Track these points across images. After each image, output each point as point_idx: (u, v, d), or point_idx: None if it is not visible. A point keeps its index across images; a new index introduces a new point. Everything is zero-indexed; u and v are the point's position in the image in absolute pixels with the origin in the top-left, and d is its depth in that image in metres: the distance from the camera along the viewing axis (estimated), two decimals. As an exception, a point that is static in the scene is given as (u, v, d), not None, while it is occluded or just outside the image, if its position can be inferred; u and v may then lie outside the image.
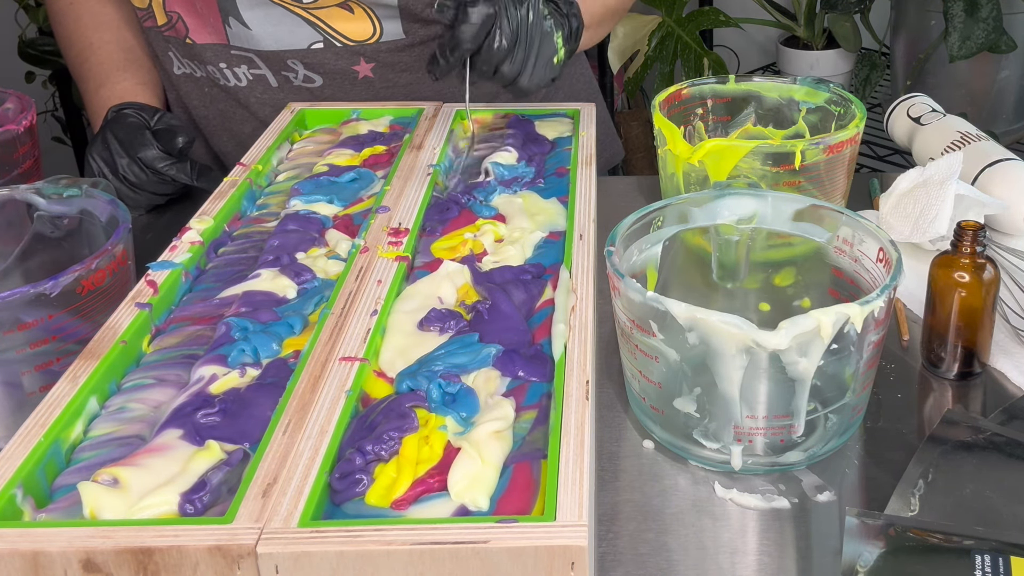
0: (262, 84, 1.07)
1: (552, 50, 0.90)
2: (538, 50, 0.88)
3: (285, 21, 1.01)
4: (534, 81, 0.89)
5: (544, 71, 0.90)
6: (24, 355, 0.69)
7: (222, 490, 0.56)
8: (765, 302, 0.80)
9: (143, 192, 1.00)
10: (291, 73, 1.05)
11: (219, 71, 1.07)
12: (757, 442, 0.67)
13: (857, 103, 0.91)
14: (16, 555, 0.51)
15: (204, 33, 1.04)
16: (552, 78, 0.91)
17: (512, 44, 0.86)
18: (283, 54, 1.04)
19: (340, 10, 1.00)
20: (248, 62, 1.05)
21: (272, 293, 0.72)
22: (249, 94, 1.08)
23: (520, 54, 0.87)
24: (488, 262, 0.75)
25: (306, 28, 1.02)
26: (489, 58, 0.86)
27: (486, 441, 0.57)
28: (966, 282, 0.73)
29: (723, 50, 2.35)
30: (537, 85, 0.90)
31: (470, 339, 0.66)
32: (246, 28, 1.02)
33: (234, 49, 1.05)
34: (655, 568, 0.61)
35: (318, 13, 1.01)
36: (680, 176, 0.90)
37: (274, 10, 1.01)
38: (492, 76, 0.88)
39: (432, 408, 0.61)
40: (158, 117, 1.03)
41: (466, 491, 0.55)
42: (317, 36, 1.02)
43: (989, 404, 0.74)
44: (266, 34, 1.02)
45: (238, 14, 1.01)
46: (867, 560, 0.56)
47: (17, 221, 0.84)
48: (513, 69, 0.87)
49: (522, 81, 0.88)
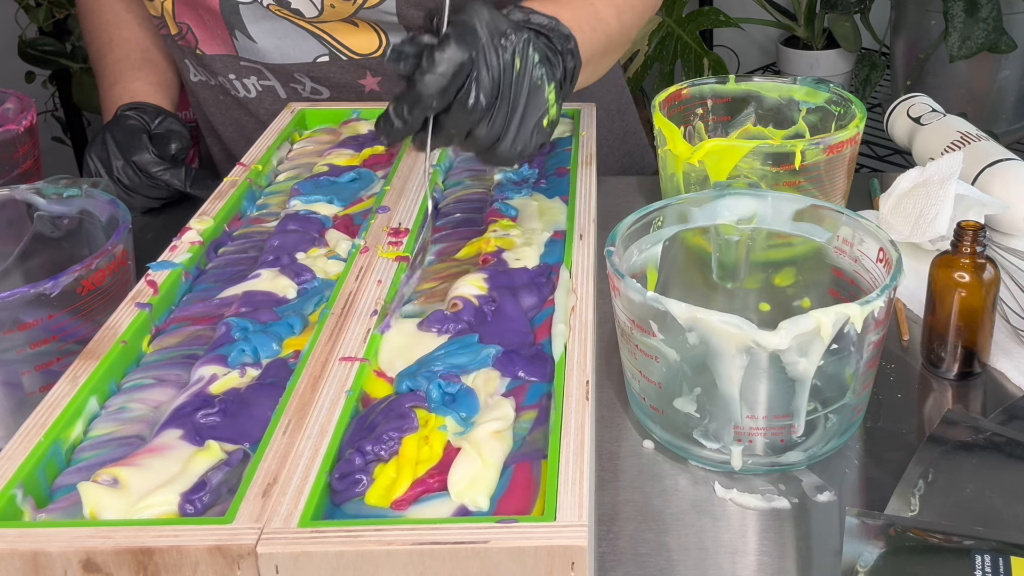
0: (271, 95, 1.07)
1: (542, 107, 0.70)
2: (524, 108, 0.69)
3: (291, 35, 1.01)
4: (517, 148, 0.70)
5: (531, 135, 0.70)
6: (24, 355, 0.69)
7: (222, 490, 0.56)
8: (765, 302, 0.80)
9: (136, 195, 1.00)
10: (299, 85, 1.05)
11: (229, 82, 1.07)
12: (757, 442, 0.67)
13: (857, 103, 0.91)
14: (16, 555, 0.51)
15: (213, 45, 1.05)
16: (541, 143, 0.72)
17: (492, 101, 0.67)
18: (289, 67, 1.04)
19: (345, 24, 0.99)
20: (257, 73, 1.05)
21: (272, 293, 0.72)
22: (259, 105, 1.08)
23: (501, 114, 0.68)
24: (511, 259, 0.75)
25: (311, 42, 1.01)
26: (460, 119, 0.67)
27: (486, 441, 0.57)
28: (966, 282, 0.73)
29: (723, 50, 2.35)
30: (521, 154, 0.70)
31: (470, 339, 0.66)
32: (252, 41, 1.02)
33: (243, 60, 1.05)
34: (655, 568, 0.61)
35: (323, 27, 1.00)
36: (680, 176, 0.90)
37: (279, 24, 1.00)
38: (463, 141, 0.70)
39: (432, 408, 0.61)
40: (159, 121, 1.03)
41: (466, 491, 0.55)
42: (323, 50, 1.02)
43: (989, 404, 0.74)
44: (272, 47, 1.02)
45: (244, 28, 1.01)
46: (867, 560, 0.56)
47: (17, 221, 0.84)
48: (491, 133, 0.68)
49: (502, 148, 0.69)
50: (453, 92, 0.66)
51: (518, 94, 0.68)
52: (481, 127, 0.68)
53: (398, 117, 0.66)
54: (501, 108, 0.68)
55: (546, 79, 0.70)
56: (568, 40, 0.75)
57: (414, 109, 0.65)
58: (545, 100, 0.70)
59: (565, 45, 0.74)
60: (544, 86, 0.70)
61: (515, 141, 0.69)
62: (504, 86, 0.67)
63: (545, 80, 0.70)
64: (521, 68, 0.68)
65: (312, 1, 0.97)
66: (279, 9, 0.98)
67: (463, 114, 0.67)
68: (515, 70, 0.68)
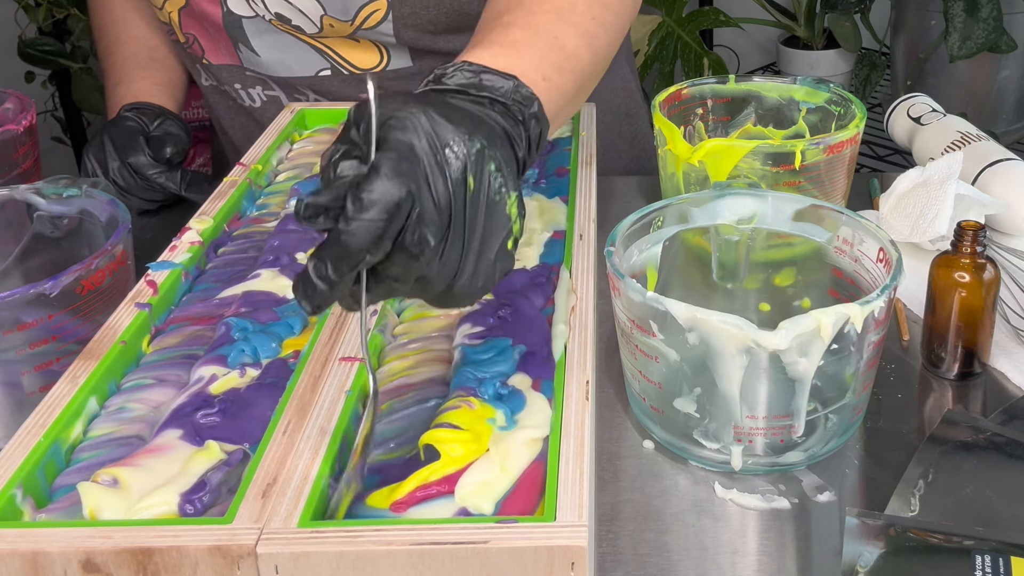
0: (276, 105, 1.07)
1: (504, 226, 0.55)
2: (483, 234, 0.54)
3: (293, 48, 1.01)
4: (478, 284, 0.55)
5: (494, 264, 0.55)
6: (24, 355, 0.69)
7: (222, 490, 0.56)
8: (765, 302, 0.80)
9: (132, 196, 1.00)
10: (302, 96, 1.05)
11: (235, 91, 1.08)
12: (757, 442, 0.67)
13: (857, 103, 0.91)
14: (16, 555, 0.51)
15: (218, 55, 1.05)
16: (505, 272, 0.57)
17: (441, 237, 0.52)
18: (292, 80, 1.04)
19: (346, 40, 1.00)
20: (263, 83, 1.06)
21: (272, 293, 0.72)
22: (264, 114, 1.08)
23: (455, 248, 0.53)
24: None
25: (313, 55, 1.01)
26: (404, 267, 0.52)
27: (517, 449, 0.57)
28: (966, 282, 0.73)
29: (723, 50, 2.35)
30: (483, 289, 0.55)
31: (504, 343, 0.65)
32: (255, 55, 1.02)
33: (248, 71, 1.05)
34: (655, 568, 0.61)
35: (325, 42, 1.00)
36: (680, 176, 0.90)
37: (282, 37, 1.00)
38: (409, 287, 0.54)
39: (486, 399, 0.60)
40: (158, 123, 1.03)
41: (472, 495, 0.54)
42: (324, 64, 1.02)
43: (989, 404, 0.74)
44: (275, 60, 1.02)
45: (247, 41, 1.01)
46: (867, 560, 0.56)
47: (17, 221, 0.84)
48: (445, 273, 0.53)
49: (459, 287, 0.54)
50: (391, 238, 0.50)
51: (474, 219, 0.53)
52: (431, 269, 0.52)
53: (321, 279, 0.50)
54: (454, 242, 0.53)
55: (506, 190, 0.55)
56: (530, 103, 0.60)
57: (341, 266, 0.50)
58: (507, 217, 0.55)
59: (527, 111, 0.60)
60: (504, 200, 0.55)
61: (474, 276, 0.55)
62: (456, 213, 0.53)
63: (505, 192, 0.55)
64: (475, 187, 0.53)
65: (312, 19, 0.97)
66: (281, 24, 0.99)
67: (407, 260, 0.51)
68: (468, 191, 0.53)
